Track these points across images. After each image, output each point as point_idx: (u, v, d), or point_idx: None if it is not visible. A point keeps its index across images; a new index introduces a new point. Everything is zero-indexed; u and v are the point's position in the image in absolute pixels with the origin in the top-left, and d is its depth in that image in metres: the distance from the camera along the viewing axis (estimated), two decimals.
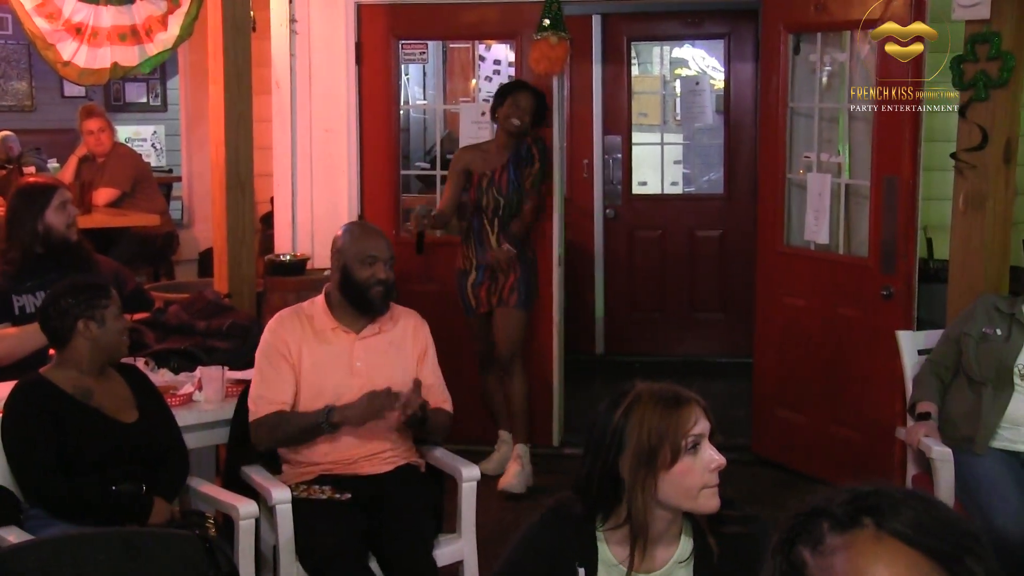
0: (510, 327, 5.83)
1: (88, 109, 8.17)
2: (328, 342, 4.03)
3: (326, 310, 4.07)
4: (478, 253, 5.83)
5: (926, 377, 4.59)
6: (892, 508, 1.42)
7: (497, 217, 5.78)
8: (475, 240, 5.84)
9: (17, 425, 3.62)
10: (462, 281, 5.90)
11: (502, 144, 5.83)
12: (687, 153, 9.34)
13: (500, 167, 5.78)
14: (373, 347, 4.06)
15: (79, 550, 2.56)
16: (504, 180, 5.77)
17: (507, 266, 5.74)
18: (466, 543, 4.05)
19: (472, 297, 5.87)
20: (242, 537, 3.72)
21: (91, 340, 3.74)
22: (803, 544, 1.45)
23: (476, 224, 5.84)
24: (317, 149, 6.34)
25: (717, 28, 8.30)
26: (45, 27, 5.23)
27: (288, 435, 3.96)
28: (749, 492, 5.69)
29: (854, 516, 1.43)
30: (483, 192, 5.77)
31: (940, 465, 4.31)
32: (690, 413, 2.43)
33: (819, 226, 5.71)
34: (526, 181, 5.80)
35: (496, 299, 5.83)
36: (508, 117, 5.75)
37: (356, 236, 4.14)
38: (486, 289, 5.83)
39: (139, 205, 7.82)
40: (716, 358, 8.11)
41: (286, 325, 4.04)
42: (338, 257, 4.07)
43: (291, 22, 6.23)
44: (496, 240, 5.78)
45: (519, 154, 5.80)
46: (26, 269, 4.68)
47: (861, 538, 1.41)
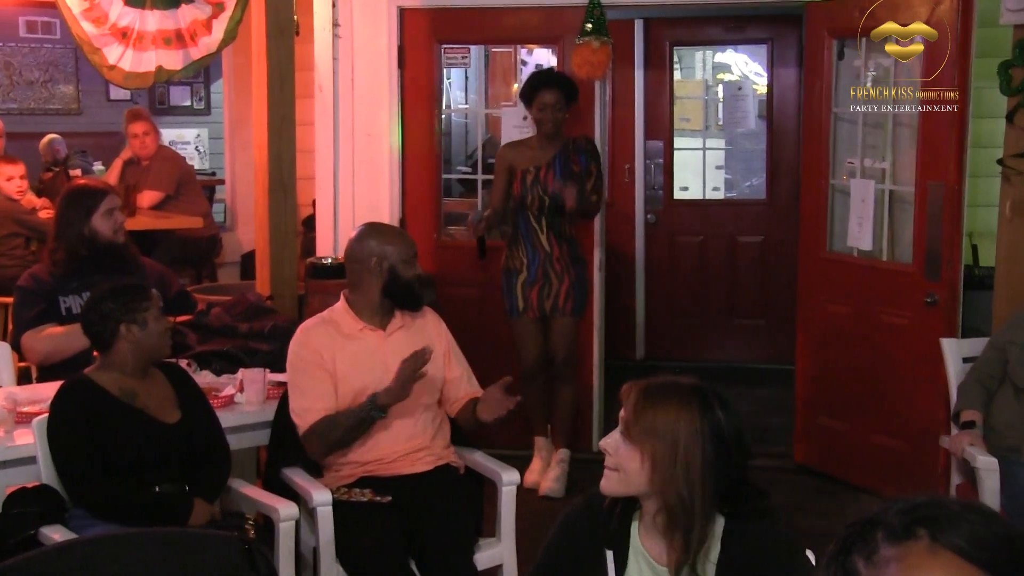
0: (568, 335, 5.80)
1: (134, 112, 8.24)
2: (359, 343, 4.05)
3: (350, 313, 4.09)
4: (529, 253, 5.75)
5: (971, 385, 4.54)
6: (948, 520, 1.39)
7: (544, 216, 5.71)
8: (524, 241, 5.76)
9: (63, 426, 3.64)
10: (511, 280, 5.80)
11: (543, 139, 5.76)
12: (729, 158, 9.31)
13: (545, 164, 5.72)
14: (402, 341, 4.07)
15: (120, 549, 2.57)
16: (550, 178, 5.69)
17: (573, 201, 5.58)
18: (505, 548, 4.04)
19: (521, 298, 5.76)
20: (282, 539, 3.73)
21: (134, 343, 3.76)
22: (857, 554, 1.43)
23: (523, 224, 5.76)
24: (359, 153, 6.35)
25: (760, 33, 8.26)
26: (92, 31, 5.28)
27: (340, 436, 3.94)
28: (790, 500, 5.66)
29: (909, 527, 1.41)
30: (527, 189, 5.71)
31: (985, 475, 4.26)
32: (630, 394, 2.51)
33: (863, 232, 5.67)
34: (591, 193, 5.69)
35: (550, 305, 5.75)
36: (541, 122, 5.71)
37: (393, 238, 4.15)
38: (538, 291, 5.74)
39: (183, 208, 7.87)
40: (757, 364, 8.07)
41: (314, 334, 4.05)
42: (379, 261, 4.05)
43: (334, 26, 6.25)
44: (547, 239, 5.72)
45: (566, 154, 5.73)
46: (72, 270, 4.72)
47: (915, 550, 1.39)
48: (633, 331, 8.31)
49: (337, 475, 4.02)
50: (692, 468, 2.42)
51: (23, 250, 6.92)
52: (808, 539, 2.64)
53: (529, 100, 5.74)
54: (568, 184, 5.61)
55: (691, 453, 2.43)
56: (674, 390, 2.50)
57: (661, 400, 2.48)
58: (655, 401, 2.48)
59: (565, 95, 5.71)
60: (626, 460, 2.46)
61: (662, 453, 2.43)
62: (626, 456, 2.46)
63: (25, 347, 4.67)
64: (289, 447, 4.11)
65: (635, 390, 2.50)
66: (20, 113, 10.91)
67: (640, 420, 2.46)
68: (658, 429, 2.44)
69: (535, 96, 5.70)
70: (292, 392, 4.04)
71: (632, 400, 2.49)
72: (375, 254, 4.07)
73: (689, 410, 2.45)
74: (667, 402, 2.47)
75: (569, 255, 5.77)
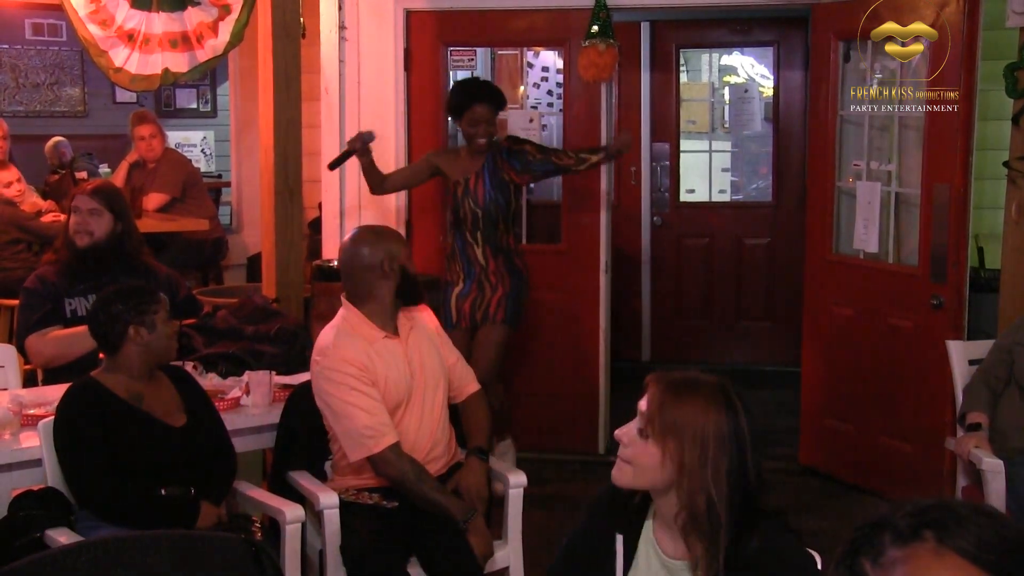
0: (491, 344, 5.55)
1: (140, 115, 8.25)
2: (385, 350, 3.97)
3: (368, 323, 3.99)
4: (465, 267, 5.58)
5: (977, 387, 4.54)
6: (955, 523, 1.40)
7: (479, 230, 5.54)
8: (460, 255, 5.59)
9: (69, 427, 3.65)
10: (446, 293, 5.64)
11: (473, 151, 5.58)
12: (735, 161, 9.31)
13: (474, 175, 5.55)
14: (416, 344, 4.05)
15: (126, 552, 2.57)
16: (480, 190, 5.53)
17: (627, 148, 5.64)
18: (512, 550, 4.04)
19: (455, 310, 5.60)
20: (288, 541, 3.74)
21: (142, 346, 3.76)
22: (865, 556, 1.44)
23: (458, 239, 5.59)
24: None
25: (766, 36, 8.26)
26: (98, 34, 5.29)
27: (414, 493, 3.84)
28: (795, 502, 5.66)
29: (915, 529, 1.41)
30: (459, 202, 5.55)
31: (991, 477, 4.25)
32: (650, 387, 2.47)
33: (868, 234, 5.67)
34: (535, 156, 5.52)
35: (480, 314, 5.58)
36: (472, 137, 5.51)
37: (394, 239, 4.12)
38: (471, 302, 5.59)
39: (189, 210, 7.88)
40: (763, 367, 8.07)
41: (348, 348, 3.90)
42: (390, 262, 3.98)
43: (340, 28, 6.25)
44: (482, 253, 5.54)
45: (495, 162, 5.54)
46: (78, 272, 4.73)
47: (920, 552, 1.40)
48: (639, 333, 8.31)
49: (344, 480, 4.01)
50: (720, 470, 2.37)
51: (27, 253, 6.92)
52: (814, 541, 2.64)
53: (458, 113, 5.53)
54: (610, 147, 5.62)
55: (719, 455, 2.38)
56: (701, 387, 2.43)
57: (687, 397, 2.41)
58: (681, 397, 2.41)
59: (495, 107, 5.54)
60: (642, 455, 2.42)
61: (690, 453, 2.37)
62: (642, 450, 2.42)
63: (30, 350, 4.67)
64: (295, 450, 4.12)
65: (659, 383, 2.44)
66: (26, 115, 10.92)
67: (664, 416, 2.40)
68: (684, 427, 2.38)
69: (464, 110, 5.48)
70: (348, 412, 3.84)
71: (656, 394, 2.43)
72: (385, 257, 3.99)
73: (717, 410, 2.40)
74: (694, 400, 2.41)
75: (505, 267, 5.59)
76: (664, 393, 2.42)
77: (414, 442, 3.96)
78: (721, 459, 2.38)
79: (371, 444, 3.82)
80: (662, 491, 2.45)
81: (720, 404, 2.41)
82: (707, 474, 2.37)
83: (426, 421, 4.02)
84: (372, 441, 3.82)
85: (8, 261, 6.83)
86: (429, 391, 4.04)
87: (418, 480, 3.84)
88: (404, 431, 3.93)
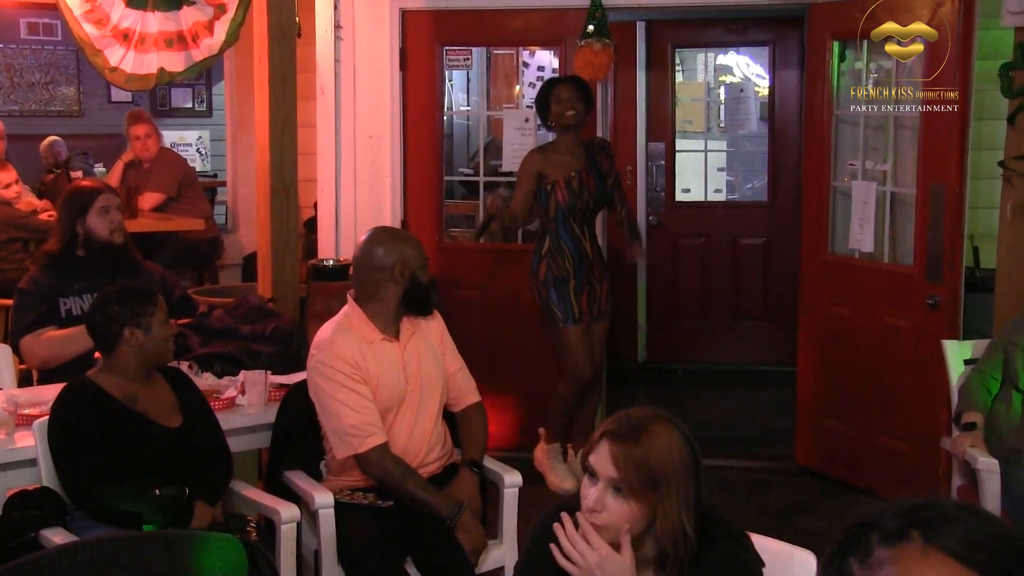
0: (604, 339, 5.80)
1: (135, 115, 8.24)
2: (381, 352, 3.97)
3: (368, 323, 3.99)
4: (575, 261, 5.59)
5: (972, 387, 4.54)
6: (942, 522, 1.40)
7: (587, 223, 5.64)
8: (569, 249, 5.59)
9: (64, 427, 3.64)
10: (562, 288, 5.60)
11: (571, 144, 5.64)
12: (731, 160, 9.31)
13: (584, 168, 5.61)
14: (414, 351, 4.05)
15: (121, 552, 2.57)
16: (592, 181, 5.61)
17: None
18: (507, 550, 4.04)
19: (575, 305, 5.60)
20: (283, 541, 3.74)
21: (137, 347, 3.76)
22: (852, 556, 1.44)
23: (564, 233, 5.59)
24: (361, 155, 6.35)
25: (762, 35, 8.26)
26: (93, 33, 5.28)
27: (400, 492, 3.87)
28: (792, 502, 5.66)
29: (903, 529, 1.41)
30: (576, 195, 5.57)
31: (986, 476, 4.25)
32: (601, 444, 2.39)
33: (864, 234, 5.67)
34: (614, 192, 5.71)
35: (596, 309, 5.68)
36: (562, 114, 5.57)
37: (409, 243, 4.09)
38: (587, 297, 5.65)
39: (185, 210, 7.87)
40: (759, 366, 8.06)
41: (343, 345, 3.92)
42: (402, 268, 3.97)
43: (336, 28, 6.25)
44: (590, 246, 5.63)
45: (593, 158, 5.66)
46: (71, 271, 4.72)
47: (908, 552, 1.40)
48: (635, 333, 8.29)
49: (339, 480, 4.01)
50: (688, 499, 2.36)
51: (23, 253, 6.92)
52: (809, 541, 2.64)
53: (546, 101, 5.61)
54: (634, 243, 5.81)
55: (684, 486, 2.36)
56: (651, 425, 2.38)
57: (646, 441, 2.35)
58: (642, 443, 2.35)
59: (581, 93, 5.61)
60: (619, 514, 2.36)
61: (668, 494, 2.34)
62: (620, 509, 2.36)
63: (25, 351, 4.66)
64: (291, 449, 4.11)
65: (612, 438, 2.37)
66: (21, 115, 10.91)
67: (638, 468, 2.33)
68: (659, 472, 2.34)
69: (551, 91, 5.60)
70: (337, 409, 3.87)
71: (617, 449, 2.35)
72: (397, 261, 3.97)
73: (677, 443, 2.38)
74: (652, 441, 2.36)
75: (602, 259, 5.79)
76: (623, 446, 2.36)
77: (406, 447, 3.96)
78: (689, 488, 2.37)
79: (356, 443, 3.84)
80: (637, 537, 2.39)
81: (676, 435, 2.39)
82: (681, 507, 2.36)
83: (419, 428, 4.01)
84: (357, 440, 3.84)
85: (4, 262, 6.83)
86: (424, 399, 4.03)
87: (403, 479, 3.85)
88: (396, 436, 3.94)
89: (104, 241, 4.73)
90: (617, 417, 2.42)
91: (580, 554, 2.33)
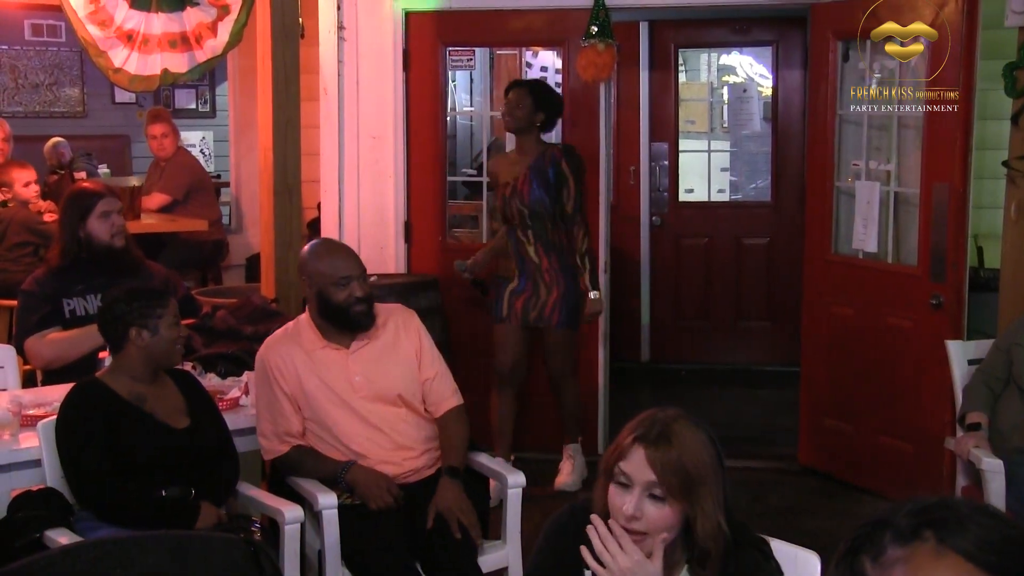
0: (557, 349, 5.72)
1: (154, 113, 8.28)
2: (322, 361, 3.99)
3: (313, 328, 4.02)
4: (519, 264, 5.65)
5: (976, 387, 4.54)
6: (956, 523, 1.39)
7: (529, 228, 5.60)
8: (514, 252, 5.66)
9: (72, 427, 3.64)
10: (500, 288, 5.73)
11: (521, 149, 5.67)
12: (734, 160, 9.31)
13: (522, 176, 5.59)
14: (367, 357, 4.02)
15: (126, 552, 2.57)
16: (526, 190, 5.57)
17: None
18: (511, 550, 4.04)
19: (506, 305, 5.67)
20: (287, 542, 3.74)
21: (142, 348, 3.76)
22: (865, 554, 1.44)
23: (511, 236, 5.67)
24: (364, 155, 6.35)
25: (765, 35, 8.26)
26: (97, 34, 5.29)
27: (308, 475, 3.95)
28: (795, 502, 5.66)
29: (916, 529, 1.41)
30: (507, 202, 5.61)
31: (990, 476, 4.25)
32: (633, 450, 2.36)
33: (868, 234, 5.67)
34: (567, 204, 5.56)
35: (535, 315, 5.65)
36: (503, 117, 5.71)
37: (323, 258, 4.05)
38: (524, 300, 5.64)
39: (192, 213, 7.88)
40: (763, 367, 8.06)
41: (276, 351, 4.00)
42: (311, 283, 4.01)
43: (339, 29, 6.25)
44: (535, 251, 5.60)
45: (542, 164, 5.57)
46: (74, 273, 4.72)
47: (920, 552, 1.39)
48: (638, 333, 8.30)
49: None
50: (719, 496, 2.36)
51: (32, 257, 6.92)
52: (812, 541, 2.64)
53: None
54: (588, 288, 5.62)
55: (716, 483, 2.36)
56: (676, 425, 2.36)
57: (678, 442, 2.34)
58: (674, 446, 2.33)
59: (535, 99, 5.60)
60: (660, 518, 2.34)
61: (705, 493, 2.33)
62: (660, 515, 2.34)
63: (29, 352, 4.67)
64: None
65: (643, 443, 2.34)
66: (25, 116, 10.90)
67: (676, 471, 2.32)
68: (695, 472, 2.32)
69: (505, 95, 5.70)
70: (258, 406, 4.04)
71: (651, 454, 2.33)
72: (305, 274, 4.06)
73: (704, 440, 2.37)
74: (682, 442, 2.34)
75: (559, 265, 5.64)
76: (657, 450, 2.33)
77: (367, 449, 3.96)
78: (719, 485, 2.37)
79: (266, 445, 4.00)
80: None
81: (701, 434, 2.39)
82: (716, 504, 2.35)
83: (378, 432, 3.98)
84: (267, 442, 4.00)
85: (13, 263, 6.82)
86: (377, 404, 4.00)
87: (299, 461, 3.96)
88: (351, 437, 3.95)
89: (105, 245, 4.74)
90: (641, 421, 2.39)
91: (611, 556, 2.32)
